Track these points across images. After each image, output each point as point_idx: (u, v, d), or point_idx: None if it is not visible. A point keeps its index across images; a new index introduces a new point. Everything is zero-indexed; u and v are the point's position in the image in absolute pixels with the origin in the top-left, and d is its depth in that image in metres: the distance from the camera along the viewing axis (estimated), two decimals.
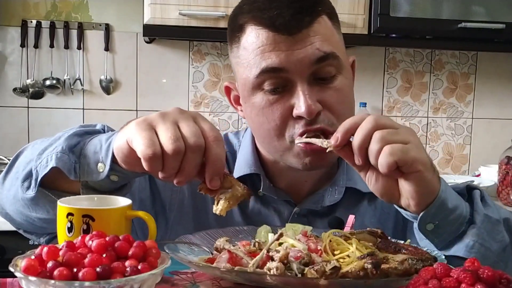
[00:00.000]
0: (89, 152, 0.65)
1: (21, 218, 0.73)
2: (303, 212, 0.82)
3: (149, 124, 0.58)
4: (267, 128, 0.74)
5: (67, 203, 0.60)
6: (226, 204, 0.61)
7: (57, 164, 0.64)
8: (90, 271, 0.47)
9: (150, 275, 0.49)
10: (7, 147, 1.91)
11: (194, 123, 0.59)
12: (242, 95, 0.77)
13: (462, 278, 0.46)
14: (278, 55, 0.70)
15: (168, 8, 1.68)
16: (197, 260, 0.63)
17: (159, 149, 0.56)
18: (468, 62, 2.15)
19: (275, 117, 0.72)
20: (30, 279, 0.47)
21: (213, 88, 2.05)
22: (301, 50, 0.70)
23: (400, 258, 0.57)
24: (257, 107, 0.74)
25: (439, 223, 0.64)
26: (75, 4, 1.96)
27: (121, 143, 0.61)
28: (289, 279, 0.55)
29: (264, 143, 0.78)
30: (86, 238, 0.52)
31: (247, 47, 0.73)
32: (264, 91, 0.73)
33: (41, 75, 1.95)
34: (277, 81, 0.72)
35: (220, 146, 0.58)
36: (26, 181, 0.68)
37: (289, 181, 0.82)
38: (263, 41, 0.71)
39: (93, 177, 0.64)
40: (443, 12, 1.76)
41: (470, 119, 2.18)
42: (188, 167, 0.57)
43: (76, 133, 0.68)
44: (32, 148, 0.72)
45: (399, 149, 0.59)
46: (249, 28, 0.73)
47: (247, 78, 0.74)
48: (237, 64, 0.76)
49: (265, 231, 0.71)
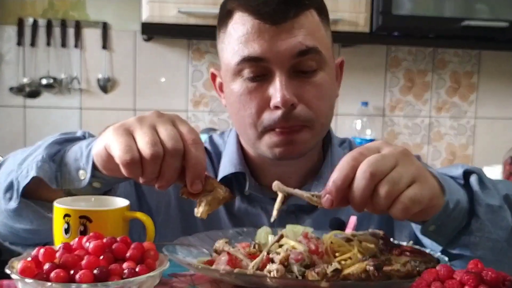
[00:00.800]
0: (69, 159, 0.64)
1: (5, 230, 0.72)
2: (291, 208, 0.81)
3: (126, 129, 0.58)
4: (242, 115, 0.74)
5: (64, 204, 0.59)
6: (208, 207, 0.60)
7: (37, 174, 0.63)
8: (87, 273, 0.46)
9: (148, 277, 0.48)
10: (3, 147, 1.90)
11: (172, 126, 0.58)
12: (224, 81, 0.78)
13: (465, 280, 0.45)
14: (260, 45, 0.71)
15: (166, 6, 1.67)
16: (196, 262, 0.63)
17: (137, 154, 0.56)
18: (471, 61, 2.14)
19: (251, 105, 0.73)
20: (27, 281, 0.46)
21: (212, 87, 2.03)
22: (283, 41, 0.71)
23: (402, 260, 0.57)
24: (236, 93, 0.74)
25: (442, 223, 0.63)
26: (72, 2, 1.95)
27: (100, 149, 0.60)
28: (289, 281, 0.55)
29: (240, 131, 0.79)
30: (83, 239, 0.52)
31: (233, 34, 0.74)
32: (244, 78, 0.73)
33: (38, 74, 1.94)
34: (256, 69, 0.72)
35: (199, 149, 0.58)
36: (8, 192, 0.67)
37: (274, 178, 0.82)
38: (248, 29, 0.72)
39: (75, 184, 0.64)
40: (445, 10, 1.75)
41: (473, 118, 2.18)
42: (168, 171, 0.57)
43: (56, 141, 0.68)
44: (13, 158, 0.71)
45: (409, 203, 0.54)
46: (237, 15, 0.74)
47: (229, 64, 0.74)
48: (222, 50, 0.77)
49: (265, 232, 0.70)
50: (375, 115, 2.10)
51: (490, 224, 0.64)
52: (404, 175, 0.54)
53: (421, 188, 0.55)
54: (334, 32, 0.83)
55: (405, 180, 0.54)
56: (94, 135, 0.70)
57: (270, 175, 0.81)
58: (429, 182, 0.57)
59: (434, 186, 0.58)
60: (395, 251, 0.61)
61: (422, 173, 0.57)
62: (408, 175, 0.55)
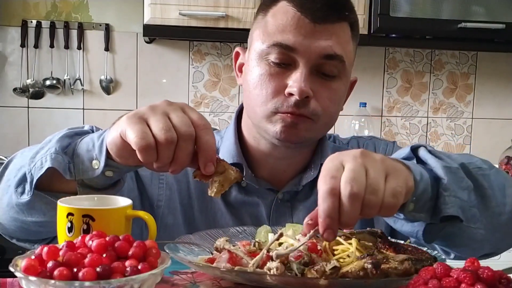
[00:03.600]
0: (82, 151, 0.66)
1: (15, 226, 0.73)
2: (286, 197, 0.85)
3: (140, 117, 0.60)
4: (257, 94, 0.78)
5: (67, 203, 0.60)
6: (220, 187, 0.63)
7: (52, 164, 0.65)
8: (90, 271, 0.46)
9: (150, 275, 0.49)
10: (7, 147, 1.91)
11: (183, 113, 0.60)
12: (248, 60, 0.81)
13: (462, 278, 0.46)
14: (295, 36, 0.75)
15: (168, 8, 1.68)
16: (197, 260, 0.63)
17: (152, 140, 0.58)
18: (468, 62, 2.15)
19: (269, 86, 0.77)
20: (30, 279, 0.47)
21: (213, 88, 2.05)
22: (317, 40, 0.75)
23: (400, 258, 0.57)
24: (257, 73, 0.78)
25: (416, 198, 0.63)
26: (75, 4, 1.96)
27: (114, 137, 0.62)
28: (289, 279, 0.55)
29: (248, 109, 0.83)
30: (86, 238, 0.52)
31: (272, 20, 0.78)
32: (269, 61, 0.77)
33: (41, 75, 1.95)
34: (283, 57, 0.76)
35: (209, 133, 0.60)
36: (20, 187, 0.68)
37: (270, 170, 0.86)
38: (288, 19, 0.76)
39: (89, 174, 0.65)
40: (443, 12, 1.76)
41: (470, 119, 2.18)
42: (181, 155, 0.59)
43: (66, 135, 0.69)
44: (21, 155, 0.73)
45: (393, 199, 0.56)
46: (282, 3, 0.78)
47: (259, 45, 0.78)
48: (255, 30, 0.81)
49: (265, 231, 0.71)
50: (373, 116, 2.11)
51: (453, 183, 0.65)
52: (377, 176, 0.56)
53: (396, 179, 0.57)
54: None
55: (381, 180, 0.56)
56: (101, 129, 0.72)
57: (266, 167, 0.85)
58: (397, 169, 0.59)
59: (402, 169, 0.60)
60: (392, 249, 0.61)
61: (388, 163, 0.58)
62: (380, 173, 0.56)
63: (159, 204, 0.84)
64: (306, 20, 0.75)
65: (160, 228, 0.82)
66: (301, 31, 0.75)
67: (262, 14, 0.81)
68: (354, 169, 0.55)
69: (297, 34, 0.75)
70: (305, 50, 0.75)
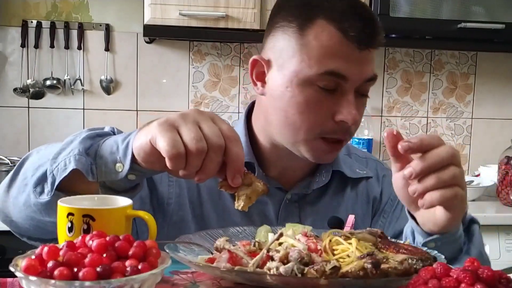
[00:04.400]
0: (105, 153, 0.66)
1: (30, 224, 0.73)
2: (294, 198, 0.87)
3: (171, 124, 0.60)
4: (303, 119, 0.77)
5: (67, 203, 0.60)
6: (248, 200, 0.64)
7: (76, 166, 0.65)
8: (91, 271, 0.46)
9: (151, 275, 0.49)
10: (7, 147, 1.92)
11: (213, 123, 0.61)
12: (283, 79, 0.78)
13: (462, 277, 0.46)
14: (345, 64, 0.76)
15: (168, 8, 1.68)
16: (197, 260, 0.63)
17: (183, 148, 0.59)
18: (467, 62, 2.15)
19: (316, 113, 0.77)
20: (31, 279, 0.47)
21: (213, 88, 2.06)
22: (364, 66, 0.77)
23: (399, 258, 0.57)
24: (303, 98, 0.77)
25: (441, 245, 0.70)
26: (75, 4, 1.96)
27: (143, 142, 0.62)
28: (289, 279, 0.55)
29: (280, 128, 0.81)
30: (87, 238, 0.52)
31: (316, 42, 0.76)
32: (317, 87, 0.77)
33: (41, 75, 1.95)
34: (333, 84, 0.76)
35: (239, 145, 0.61)
36: (39, 186, 0.68)
37: (281, 171, 0.87)
38: (335, 44, 0.75)
39: (112, 176, 0.65)
40: (442, 12, 1.76)
41: (469, 119, 2.18)
42: (209, 165, 0.60)
43: (88, 136, 0.69)
44: (38, 154, 0.73)
45: (460, 193, 0.64)
46: (320, 22, 0.76)
47: (303, 70, 0.76)
48: (291, 49, 0.77)
49: (265, 231, 0.71)
50: (373, 116, 2.11)
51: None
52: (462, 181, 0.65)
53: (464, 198, 0.66)
54: None
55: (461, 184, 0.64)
56: (121, 131, 0.72)
57: (276, 168, 0.86)
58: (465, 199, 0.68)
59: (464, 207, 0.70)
60: (392, 249, 0.61)
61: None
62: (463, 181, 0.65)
63: (169, 201, 0.85)
64: (351, 45, 0.75)
65: (170, 225, 0.84)
66: (349, 58, 0.76)
67: (294, 29, 0.77)
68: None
69: (347, 61, 0.75)
70: (354, 78, 0.76)
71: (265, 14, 1.72)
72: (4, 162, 1.70)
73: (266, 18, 1.88)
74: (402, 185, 0.68)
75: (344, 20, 0.75)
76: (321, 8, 0.76)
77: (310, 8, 0.77)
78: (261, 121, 0.85)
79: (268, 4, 1.72)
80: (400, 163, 0.67)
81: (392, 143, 0.65)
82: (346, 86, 0.76)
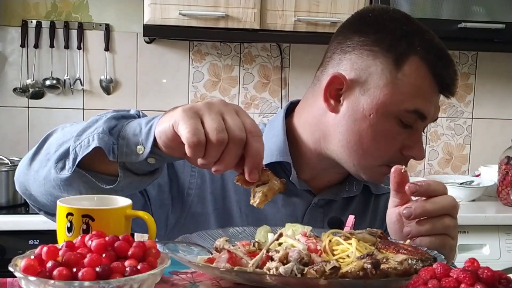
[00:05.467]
0: (128, 134, 0.66)
1: (47, 199, 0.73)
2: (320, 203, 0.87)
3: (195, 112, 0.60)
4: (377, 147, 0.79)
5: (66, 203, 0.60)
6: (264, 197, 0.64)
7: (99, 144, 0.65)
8: (90, 271, 0.47)
9: (150, 275, 0.49)
10: (7, 147, 1.92)
11: (237, 116, 0.61)
12: (369, 106, 0.78)
13: (462, 278, 0.46)
14: (429, 103, 0.79)
15: (168, 8, 1.68)
16: (197, 260, 0.63)
17: (203, 137, 0.59)
18: (468, 62, 2.15)
19: (391, 144, 0.79)
20: (30, 279, 0.47)
21: (213, 88, 2.05)
22: (437, 108, 0.81)
23: (399, 258, 0.57)
24: (383, 129, 0.78)
25: None
26: (75, 4, 1.96)
27: (166, 127, 0.62)
28: (289, 279, 0.55)
29: (345, 148, 0.81)
30: (86, 238, 0.52)
31: (408, 79, 0.77)
32: (398, 121, 0.78)
33: (41, 75, 1.95)
34: (413, 120, 0.79)
35: (260, 141, 0.61)
36: (60, 162, 0.68)
37: (313, 174, 0.87)
38: (427, 86, 0.78)
39: (132, 158, 0.66)
40: (443, 12, 1.76)
41: (470, 119, 2.18)
42: (228, 157, 0.60)
43: (113, 116, 0.70)
44: (62, 130, 0.73)
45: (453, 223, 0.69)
46: (417, 61, 0.77)
47: (393, 104, 0.77)
48: (384, 78, 0.77)
49: (264, 231, 0.71)
50: None
51: None
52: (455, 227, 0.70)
53: (454, 243, 0.70)
54: (333, 33, 0.85)
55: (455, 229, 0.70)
56: (146, 115, 0.72)
57: (310, 171, 0.86)
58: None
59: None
60: (392, 249, 0.61)
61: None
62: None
63: (189, 192, 0.84)
64: (436, 89, 0.78)
65: (188, 216, 0.84)
66: (432, 100, 0.79)
67: (389, 59, 0.77)
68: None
69: (430, 102, 0.78)
70: (430, 118, 0.80)
71: (265, 14, 1.72)
72: (4, 162, 1.70)
73: (266, 18, 1.88)
74: (396, 220, 0.70)
75: (438, 66, 0.77)
76: (418, 45, 0.77)
77: (407, 41, 0.77)
78: (315, 132, 0.83)
79: (268, 4, 1.72)
80: (399, 199, 0.70)
81: (398, 179, 0.67)
82: (421, 124, 0.80)
